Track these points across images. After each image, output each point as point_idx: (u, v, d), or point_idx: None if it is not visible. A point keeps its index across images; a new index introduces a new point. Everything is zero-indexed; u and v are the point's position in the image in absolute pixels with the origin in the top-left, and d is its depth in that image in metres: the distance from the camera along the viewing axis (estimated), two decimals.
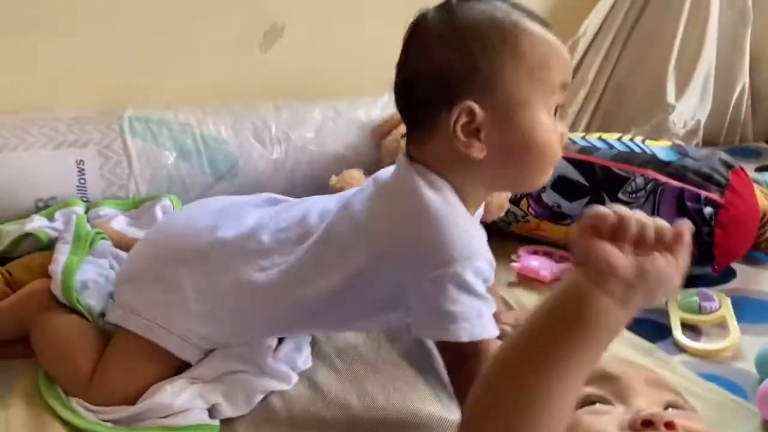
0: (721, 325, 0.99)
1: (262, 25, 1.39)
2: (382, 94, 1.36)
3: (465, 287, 0.70)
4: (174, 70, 1.35)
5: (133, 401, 0.77)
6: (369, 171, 1.21)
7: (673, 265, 0.48)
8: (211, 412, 0.78)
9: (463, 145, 0.71)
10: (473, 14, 0.73)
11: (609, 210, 0.47)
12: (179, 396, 0.77)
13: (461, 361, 0.73)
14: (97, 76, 1.29)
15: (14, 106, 1.19)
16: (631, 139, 1.17)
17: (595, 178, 1.15)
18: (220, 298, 0.79)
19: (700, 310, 0.99)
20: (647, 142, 1.16)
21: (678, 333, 0.96)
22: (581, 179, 1.16)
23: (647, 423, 0.52)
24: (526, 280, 1.12)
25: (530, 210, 1.21)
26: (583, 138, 1.20)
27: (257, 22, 1.39)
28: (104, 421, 0.76)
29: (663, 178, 1.10)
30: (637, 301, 0.47)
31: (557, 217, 1.19)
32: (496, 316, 0.96)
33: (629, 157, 1.13)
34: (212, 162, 1.21)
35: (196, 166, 1.20)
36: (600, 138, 1.19)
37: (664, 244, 0.48)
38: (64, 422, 0.77)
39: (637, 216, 0.48)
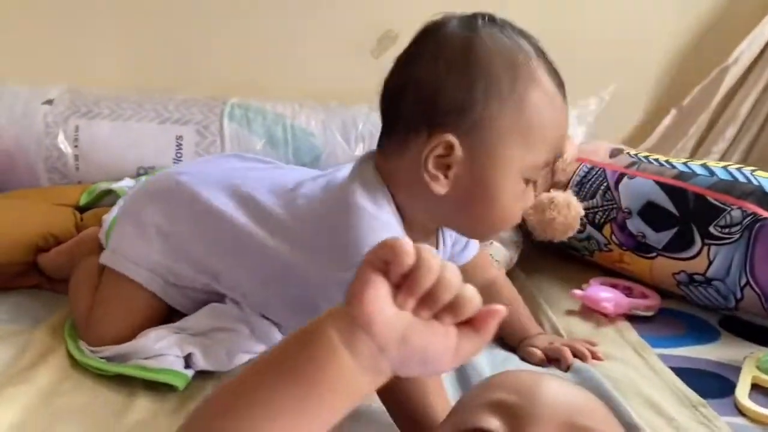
0: None
1: (376, 32, 1.43)
2: None
3: None
4: (289, 68, 1.43)
5: (123, 342, 0.81)
6: None
7: (452, 344, 0.38)
8: (189, 362, 0.79)
9: (429, 175, 0.69)
10: (494, 45, 0.68)
11: (411, 248, 0.37)
12: (160, 341, 0.79)
13: None
14: (218, 68, 1.41)
15: (142, 83, 1.34)
16: (740, 168, 1.00)
17: (687, 208, 0.99)
18: (175, 235, 0.83)
19: None
20: (757, 172, 0.98)
21: (741, 392, 0.79)
22: (671, 207, 1.01)
23: None
24: (587, 311, 1.00)
25: (613, 238, 1.08)
26: (685, 163, 1.05)
27: (372, 29, 1.42)
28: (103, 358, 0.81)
29: (765, 213, 0.92)
30: (388, 371, 0.38)
31: (641, 248, 1.05)
32: (529, 338, 0.88)
33: (729, 187, 0.97)
34: (297, 152, 1.26)
35: (281, 154, 1.25)
36: (704, 164, 1.04)
37: (458, 314, 0.38)
38: (70, 354, 0.83)
39: (443, 269, 0.37)
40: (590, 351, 0.86)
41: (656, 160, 1.09)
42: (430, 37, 0.71)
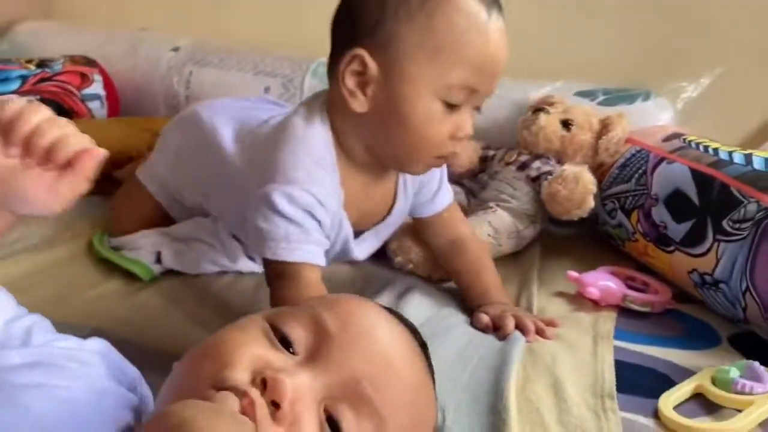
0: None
1: None
2: (555, 81, 1.25)
3: (273, 209, 0.72)
4: None
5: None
6: (490, 147, 1.16)
7: (49, 184, 0.45)
8: (161, 259, 0.91)
9: (347, 92, 0.71)
10: None
11: (11, 104, 0.44)
12: (144, 238, 0.93)
13: (270, 280, 0.75)
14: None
15: (258, 39, 1.50)
16: None
17: (708, 199, 0.87)
18: (183, 157, 0.94)
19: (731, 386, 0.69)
20: None
21: (668, 396, 0.69)
22: (694, 197, 0.89)
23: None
24: (580, 297, 0.92)
25: (639, 226, 0.98)
26: (730, 152, 0.91)
27: None
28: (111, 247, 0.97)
29: None
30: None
31: (661, 240, 0.94)
32: (485, 305, 0.85)
33: (756, 178, 0.83)
34: None
35: None
36: (749, 153, 0.89)
37: (53, 158, 0.45)
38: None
39: (43, 121, 0.44)
40: (538, 328, 0.81)
41: (706, 146, 0.96)
42: None
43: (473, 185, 1.13)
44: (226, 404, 0.41)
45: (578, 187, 0.95)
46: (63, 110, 1.27)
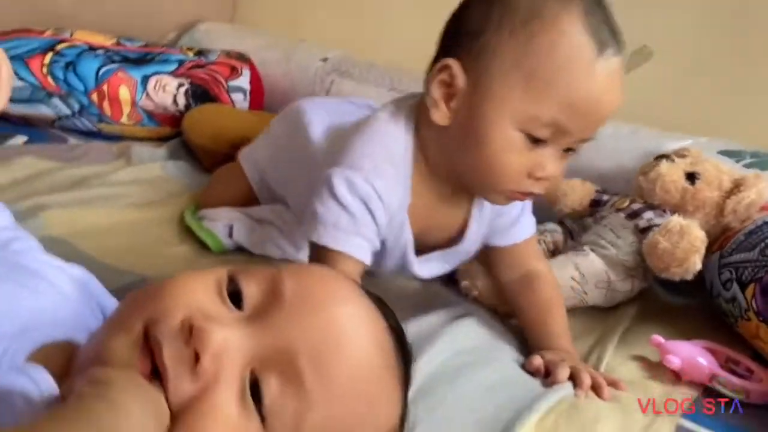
0: None
1: (631, 45, 1.32)
2: (699, 136, 1.12)
3: (332, 191, 0.70)
4: None
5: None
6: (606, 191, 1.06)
7: None
8: (232, 232, 0.93)
9: (431, 102, 0.68)
10: None
11: None
12: (223, 212, 0.96)
13: (311, 263, 0.72)
14: None
15: (401, 59, 1.52)
16: None
17: None
18: (279, 146, 0.96)
19: None
20: None
21: None
22: None
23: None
24: (663, 367, 0.80)
25: (753, 303, 0.83)
26: None
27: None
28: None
29: None
30: None
31: None
32: (545, 349, 0.77)
33: None
34: None
35: None
36: None
37: None
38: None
39: None
40: (595, 383, 0.71)
41: None
42: None
43: (575, 226, 1.03)
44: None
45: (682, 242, 0.83)
46: (208, 96, 1.37)
